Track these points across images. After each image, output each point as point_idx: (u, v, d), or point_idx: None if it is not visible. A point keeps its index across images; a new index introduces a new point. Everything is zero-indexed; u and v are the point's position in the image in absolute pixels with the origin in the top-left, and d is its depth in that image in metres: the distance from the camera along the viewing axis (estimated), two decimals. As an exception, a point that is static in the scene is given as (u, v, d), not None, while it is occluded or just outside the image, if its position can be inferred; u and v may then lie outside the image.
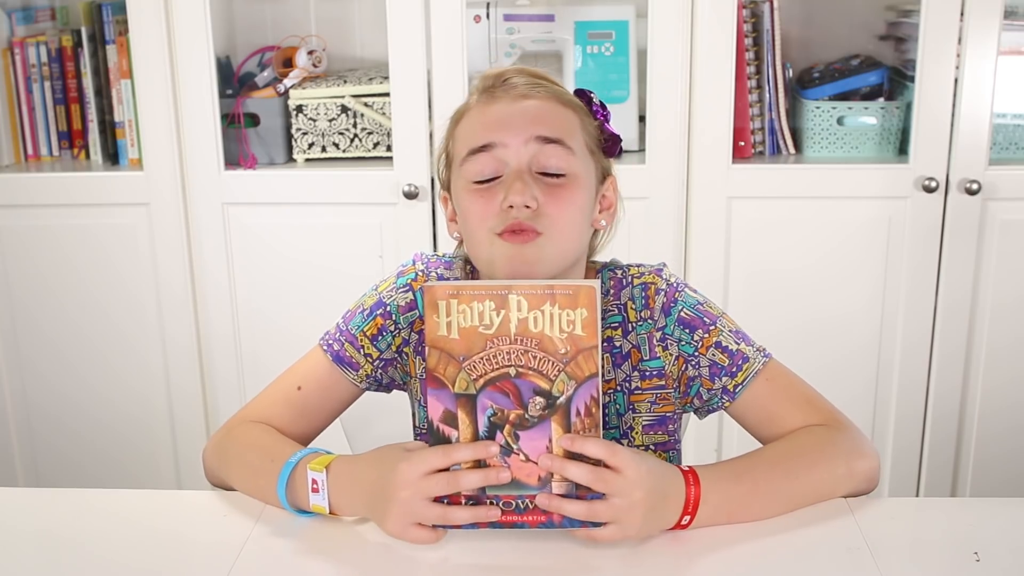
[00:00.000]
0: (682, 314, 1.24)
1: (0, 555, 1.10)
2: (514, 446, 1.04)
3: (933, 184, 2.11)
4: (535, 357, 1.02)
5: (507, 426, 1.04)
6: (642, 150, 2.20)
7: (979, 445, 2.29)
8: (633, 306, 1.25)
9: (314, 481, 1.10)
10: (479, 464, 1.04)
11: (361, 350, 1.27)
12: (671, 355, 1.24)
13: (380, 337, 1.27)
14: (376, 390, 1.32)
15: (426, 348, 1.04)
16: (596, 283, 1.02)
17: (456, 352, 1.03)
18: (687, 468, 1.10)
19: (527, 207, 1.15)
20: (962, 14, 2.06)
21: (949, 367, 2.23)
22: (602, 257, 1.32)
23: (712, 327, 1.23)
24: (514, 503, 1.06)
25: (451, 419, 1.05)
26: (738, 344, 1.23)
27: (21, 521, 1.18)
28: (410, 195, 2.19)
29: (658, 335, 1.24)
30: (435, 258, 1.31)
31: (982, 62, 2.07)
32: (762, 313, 2.20)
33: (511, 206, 1.15)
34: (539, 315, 1.02)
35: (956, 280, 2.18)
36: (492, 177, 1.18)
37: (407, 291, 1.28)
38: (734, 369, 1.22)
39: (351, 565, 1.07)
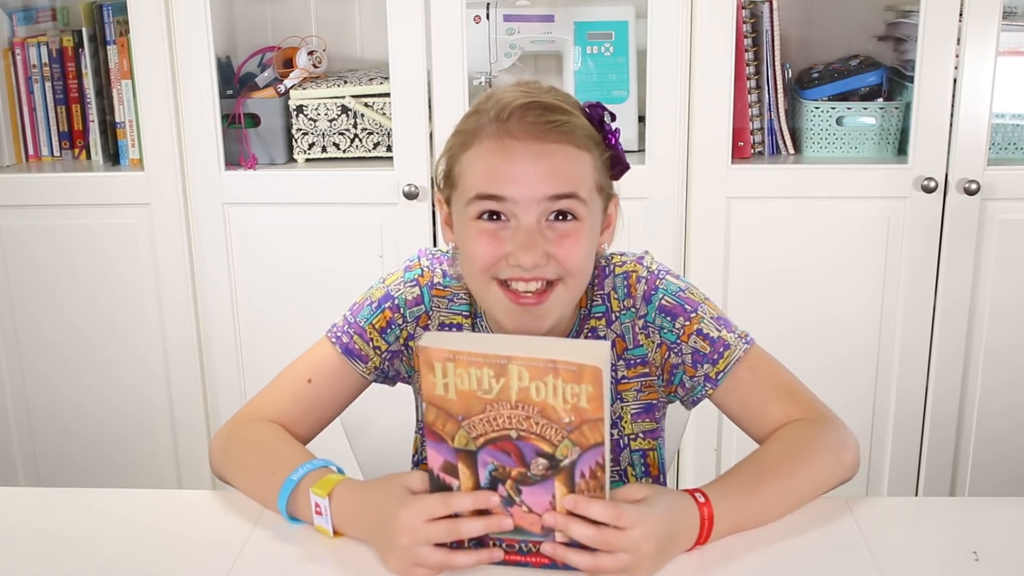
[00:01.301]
0: (663, 301, 1.24)
1: (0, 555, 1.10)
2: (516, 499, 1.02)
3: (932, 184, 2.11)
4: (537, 423, 0.98)
5: (509, 480, 1.01)
6: (642, 150, 2.20)
7: (978, 445, 2.29)
8: (616, 296, 1.26)
9: (317, 505, 1.10)
10: (481, 511, 1.03)
11: (370, 342, 1.28)
12: (653, 343, 1.25)
13: (388, 330, 1.28)
14: (382, 383, 1.33)
15: (423, 403, 1.01)
16: (604, 355, 0.97)
17: (454, 412, 1.00)
18: (702, 498, 1.09)
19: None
20: (961, 14, 2.06)
21: (948, 367, 2.24)
22: None
23: (693, 314, 1.24)
24: (517, 546, 1.04)
25: (451, 469, 1.02)
26: (719, 331, 1.23)
27: (21, 521, 1.18)
28: (410, 195, 2.19)
29: (640, 323, 1.25)
30: (439, 253, 1.31)
31: (981, 62, 2.07)
32: (762, 313, 2.20)
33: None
34: (541, 385, 0.97)
35: (955, 280, 2.18)
36: (499, 213, 1.16)
37: (414, 286, 1.29)
38: (715, 356, 1.22)
39: (351, 566, 1.07)
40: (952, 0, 2.06)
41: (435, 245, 2.24)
